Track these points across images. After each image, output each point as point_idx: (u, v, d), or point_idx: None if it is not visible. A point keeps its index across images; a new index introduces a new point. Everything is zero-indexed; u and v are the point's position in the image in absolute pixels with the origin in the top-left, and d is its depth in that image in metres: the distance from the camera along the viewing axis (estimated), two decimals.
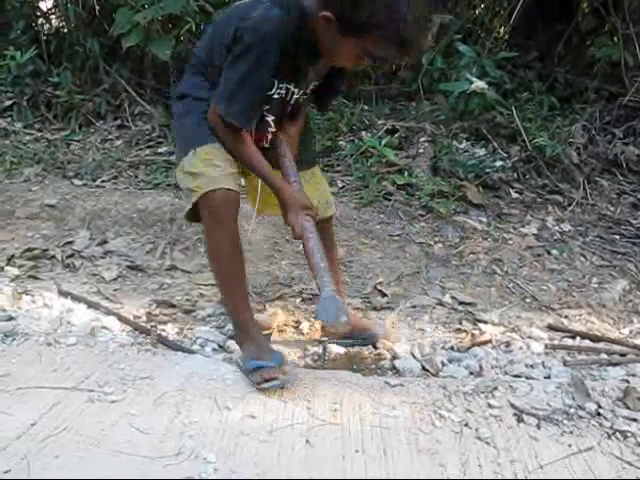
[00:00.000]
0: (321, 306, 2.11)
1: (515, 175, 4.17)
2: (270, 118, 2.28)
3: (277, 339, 2.69)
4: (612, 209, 3.98)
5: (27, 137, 4.71)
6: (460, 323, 2.89)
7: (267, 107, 2.24)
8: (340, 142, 4.45)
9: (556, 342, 2.75)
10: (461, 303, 3.04)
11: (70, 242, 3.46)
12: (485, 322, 2.87)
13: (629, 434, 2.02)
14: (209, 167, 2.15)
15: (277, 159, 2.32)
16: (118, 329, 2.67)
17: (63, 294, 2.93)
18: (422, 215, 3.73)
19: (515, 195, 4.03)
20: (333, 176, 4.07)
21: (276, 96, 2.20)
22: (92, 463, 1.81)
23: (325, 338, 2.57)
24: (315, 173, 2.53)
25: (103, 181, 4.09)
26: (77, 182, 4.06)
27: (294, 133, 2.39)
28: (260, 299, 3.01)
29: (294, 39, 2.02)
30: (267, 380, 2.15)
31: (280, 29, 1.99)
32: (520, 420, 2.08)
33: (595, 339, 2.78)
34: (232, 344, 2.54)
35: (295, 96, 2.25)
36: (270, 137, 2.32)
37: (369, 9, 1.87)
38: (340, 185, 4.01)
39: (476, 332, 2.77)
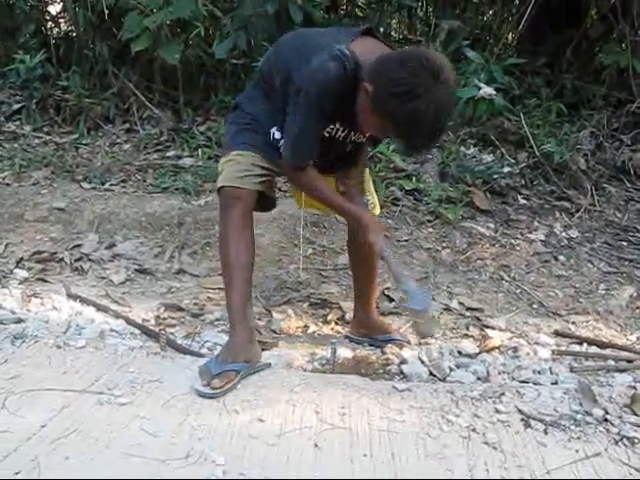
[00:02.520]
0: (412, 295, 2.31)
1: (523, 181, 4.17)
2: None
3: (285, 344, 2.70)
4: (619, 216, 3.98)
5: (36, 140, 4.73)
6: (467, 329, 2.90)
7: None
8: None
9: (563, 348, 2.75)
10: (468, 309, 3.05)
11: (79, 245, 3.48)
12: (492, 328, 2.88)
13: (636, 440, 2.02)
14: (229, 166, 2.42)
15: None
16: (127, 332, 2.69)
17: (72, 297, 2.95)
18: (430, 221, 3.73)
19: (523, 201, 4.03)
20: None
21: (325, 134, 2.34)
22: (102, 465, 1.83)
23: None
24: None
25: (112, 185, 4.11)
26: (86, 185, 4.08)
27: (354, 183, 2.53)
28: (266, 303, 3.03)
29: (345, 90, 2.16)
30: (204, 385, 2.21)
31: (333, 81, 2.14)
32: (527, 425, 2.09)
33: (602, 345, 2.78)
34: None
35: (341, 133, 2.37)
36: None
37: (397, 104, 1.98)
38: None
39: (484, 337, 2.78)
